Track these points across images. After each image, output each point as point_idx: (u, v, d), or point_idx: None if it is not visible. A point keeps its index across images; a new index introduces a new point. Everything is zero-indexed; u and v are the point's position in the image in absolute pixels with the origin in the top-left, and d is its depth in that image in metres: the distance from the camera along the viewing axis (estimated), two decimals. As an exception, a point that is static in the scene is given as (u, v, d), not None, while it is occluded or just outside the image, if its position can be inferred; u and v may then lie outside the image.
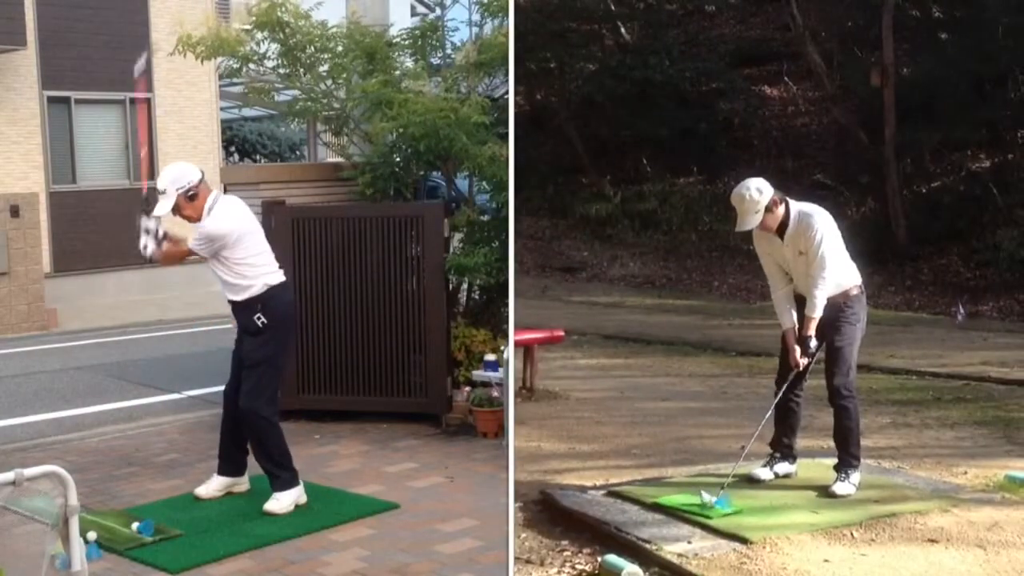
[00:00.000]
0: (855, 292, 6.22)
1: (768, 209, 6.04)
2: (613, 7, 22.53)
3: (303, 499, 6.45)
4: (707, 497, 5.83)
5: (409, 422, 8.31)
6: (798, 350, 6.16)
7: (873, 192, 17.86)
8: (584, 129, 21.79)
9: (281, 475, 6.42)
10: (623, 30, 22.78)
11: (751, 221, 6.06)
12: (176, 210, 6.29)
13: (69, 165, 16.94)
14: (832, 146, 19.77)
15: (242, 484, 6.68)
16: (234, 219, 6.34)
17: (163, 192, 6.27)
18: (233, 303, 6.41)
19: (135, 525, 5.93)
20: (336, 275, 8.35)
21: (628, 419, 8.47)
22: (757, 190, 6.02)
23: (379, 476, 7.04)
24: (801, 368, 6.22)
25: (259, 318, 6.32)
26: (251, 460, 6.64)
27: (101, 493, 6.80)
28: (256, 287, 6.35)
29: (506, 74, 8.94)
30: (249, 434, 6.50)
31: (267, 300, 6.35)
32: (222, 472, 6.66)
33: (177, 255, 6.61)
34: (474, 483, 6.86)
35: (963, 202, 16.74)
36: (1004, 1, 16.87)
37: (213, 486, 6.61)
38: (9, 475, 3.98)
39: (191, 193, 6.27)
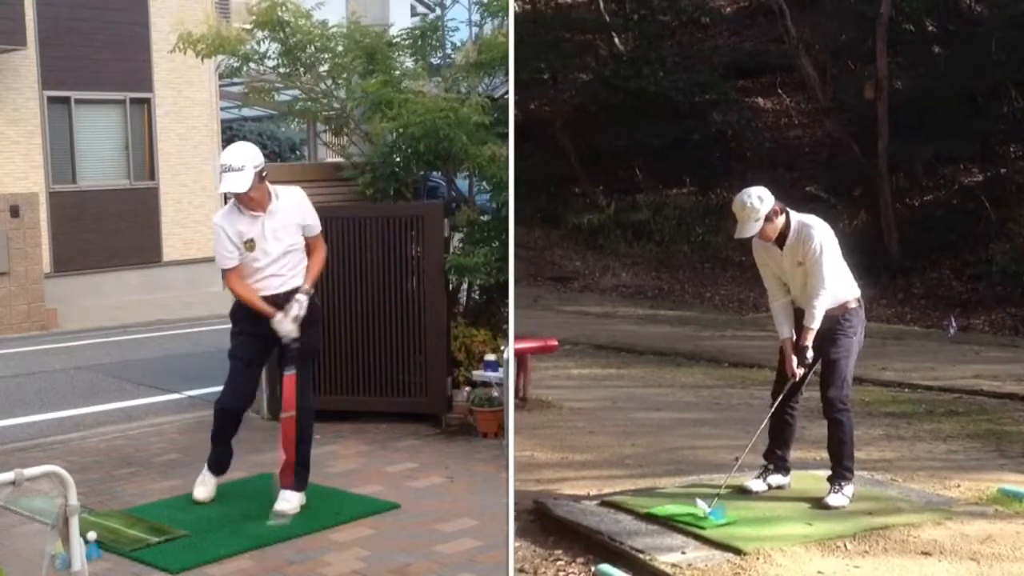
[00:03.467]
0: (853, 305, 6.22)
1: (768, 218, 6.03)
2: (607, 18, 22.57)
3: (304, 500, 6.43)
4: (702, 504, 5.82)
5: (409, 422, 8.31)
6: (795, 360, 6.15)
7: (866, 205, 17.88)
8: (577, 139, 21.81)
9: (307, 475, 6.47)
10: (617, 40, 22.79)
11: (751, 229, 6.04)
12: (247, 190, 6.12)
13: (69, 165, 16.93)
14: (825, 159, 19.79)
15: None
16: None
17: (240, 168, 6.05)
18: (297, 288, 6.32)
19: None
20: (336, 275, 8.33)
21: (621, 429, 8.46)
22: (758, 198, 6.01)
23: (379, 476, 7.04)
24: (797, 378, 6.22)
25: (315, 301, 6.37)
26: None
27: (101, 493, 6.79)
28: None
29: (506, 74, 8.94)
30: (305, 430, 6.44)
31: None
32: (219, 472, 6.62)
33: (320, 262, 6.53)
34: (474, 483, 6.86)
35: (956, 216, 16.76)
36: (997, 15, 16.94)
37: (212, 485, 6.56)
38: (9, 475, 3.98)
39: (264, 173, 6.19)
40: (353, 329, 8.35)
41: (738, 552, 5.35)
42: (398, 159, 8.78)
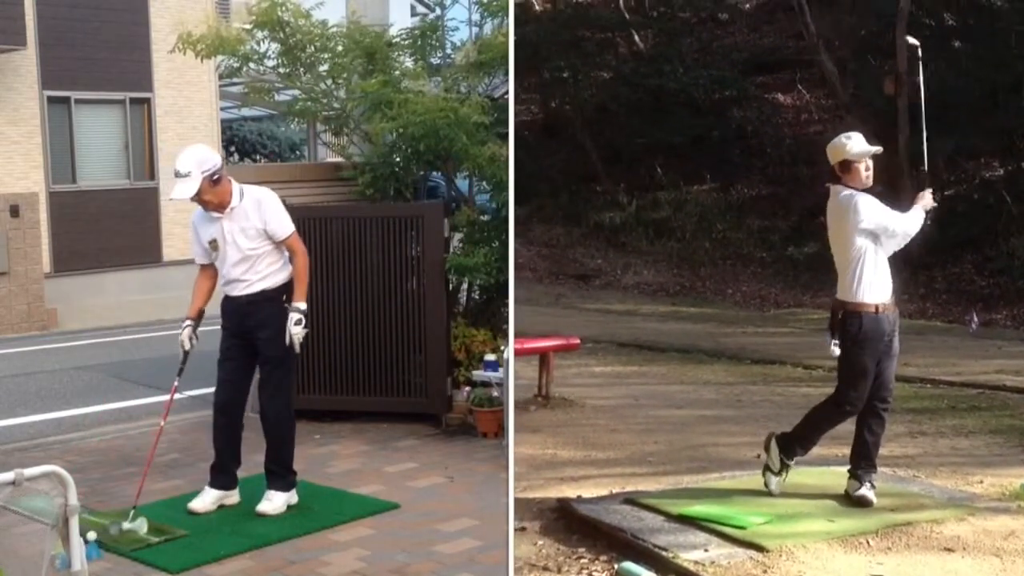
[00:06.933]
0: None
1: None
2: (627, 15, 22.60)
3: (294, 499, 6.42)
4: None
5: (409, 422, 8.31)
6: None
7: (886, 200, 17.81)
8: (598, 137, 21.86)
9: (288, 476, 6.42)
10: (637, 38, 22.85)
11: (856, 149, 6.35)
12: (197, 195, 6.05)
13: (69, 165, 16.98)
14: (845, 154, 19.75)
15: (233, 496, 6.48)
16: None
17: (187, 175, 5.98)
18: (265, 292, 6.22)
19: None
20: (336, 275, 8.36)
21: (643, 427, 8.48)
22: (846, 136, 6.34)
23: (379, 476, 7.05)
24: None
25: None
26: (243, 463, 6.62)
27: (101, 493, 6.80)
28: (287, 272, 6.30)
29: (506, 74, 8.96)
30: (277, 436, 6.36)
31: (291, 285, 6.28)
32: (218, 485, 6.42)
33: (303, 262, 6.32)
34: (474, 483, 6.87)
35: (977, 210, 16.73)
36: (1017, 10, 16.90)
37: (208, 500, 6.38)
38: (9, 475, 3.98)
39: (216, 176, 6.05)
40: (353, 329, 8.35)
41: (761, 549, 5.37)
42: (398, 159, 8.80)
